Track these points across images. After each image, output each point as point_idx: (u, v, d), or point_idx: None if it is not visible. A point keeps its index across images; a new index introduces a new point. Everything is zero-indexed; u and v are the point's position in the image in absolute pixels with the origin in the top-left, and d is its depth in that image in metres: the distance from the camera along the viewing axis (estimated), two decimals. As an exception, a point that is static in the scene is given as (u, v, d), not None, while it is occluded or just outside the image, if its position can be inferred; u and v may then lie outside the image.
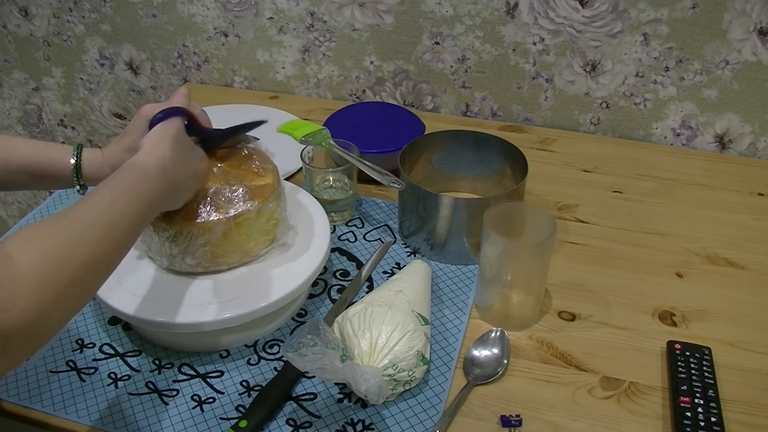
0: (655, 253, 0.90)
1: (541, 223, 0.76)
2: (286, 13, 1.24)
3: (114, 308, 0.72)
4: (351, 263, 0.89)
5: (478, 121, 1.23)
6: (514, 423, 0.68)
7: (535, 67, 1.17)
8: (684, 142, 1.17)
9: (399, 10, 1.18)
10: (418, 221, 0.88)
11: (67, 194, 1.03)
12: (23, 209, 1.78)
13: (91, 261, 0.53)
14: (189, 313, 0.71)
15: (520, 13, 1.12)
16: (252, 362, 0.75)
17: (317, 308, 0.82)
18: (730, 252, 0.91)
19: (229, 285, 0.75)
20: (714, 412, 0.66)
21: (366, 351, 0.67)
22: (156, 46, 1.37)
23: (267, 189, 0.76)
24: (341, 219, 0.96)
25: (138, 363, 0.75)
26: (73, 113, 1.56)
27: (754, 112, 1.10)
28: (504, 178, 0.95)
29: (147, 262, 0.78)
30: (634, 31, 1.08)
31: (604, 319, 0.80)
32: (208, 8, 1.29)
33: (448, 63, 1.21)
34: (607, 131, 1.20)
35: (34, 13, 1.41)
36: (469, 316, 0.81)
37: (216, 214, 0.72)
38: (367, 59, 1.25)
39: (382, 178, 0.88)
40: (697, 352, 0.73)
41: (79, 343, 0.78)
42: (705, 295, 0.84)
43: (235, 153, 0.80)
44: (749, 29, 1.03)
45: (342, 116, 1.09)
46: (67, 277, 0.50)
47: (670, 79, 1.11)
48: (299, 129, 0.97)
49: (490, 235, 0.74)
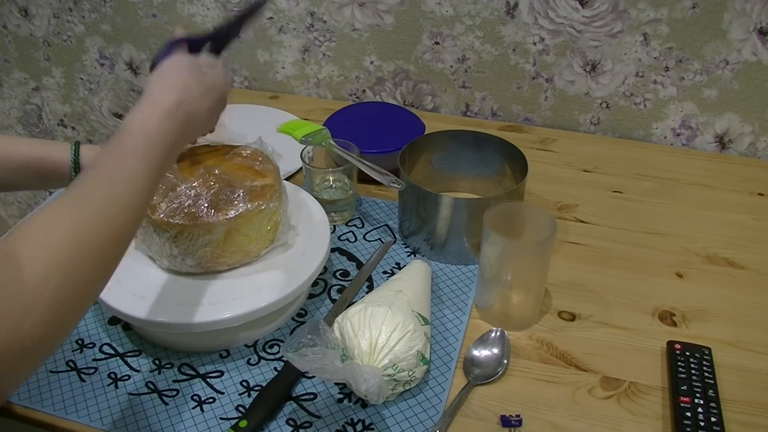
0: (655, 253, 0.90)
1: (541, 223, 0.76)
2: (286, 13, 1.24)
3: (114, 308, 0.72)
4: (351, 263, 0.89)
5: (478, 121, 1.23)
6: (514, 423, 0.67)
7: (535, 67, 1.17)
8: (684, 142, 1.17)
9: (399, 10, 1.18)
10: (418, 221, 0.88)
11: (67, 194, 1.03)
12: (23, 209, 1.78)
13: (109, 246, 0.50)
14: (189, 313, 0.71)
15: (520, 13, 1.12)
16: (252, 362, 0.75)
17: (317, 308, 0.82)
18: (730, 252, 0.91)
19: (229, 285, 0.75)
20: (714, 412, 0.66)
21: (366, 351, 0.67)
22: (156, 46, 1.37)
23: (268, 189, 0.76)
24: (341, 219, 0.96)
25: (138, 363, 0.75)
26: (73, 113, 1.56)
27: (754, 112, 1.10)
28: (504, 178, 0.95)
29: (147, 262, 0.78)
30: (634, 31, 1.08)
31: (604, 319, 0.80)
32: (208, 8, 1.29)
33: (448, 63, 1.21)
34: (607, 131, 1.20)
35: (34, 13, 1.41)
36: (469, 316, 0.81)
37: (217, 214, 0.72)
38: (367, 59, 1.25)
39: (382, 178, 0.88)
40: (697, 352, 0.73)
41: (79, 343, 0.78)
42: (705, 295, 0.84)
43: (237, 153, 0.80)
44: (749, 29, 1.03)
45: (342, 116, 1.09)
46: (83, 276, 0.47)
47: (670, 79, 1.11)
48: (299, 129, 0.97)
49: (490, 235, 0.74)
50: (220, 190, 0.74)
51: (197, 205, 0.73)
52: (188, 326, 0.70)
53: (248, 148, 0.82)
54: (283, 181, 0.82)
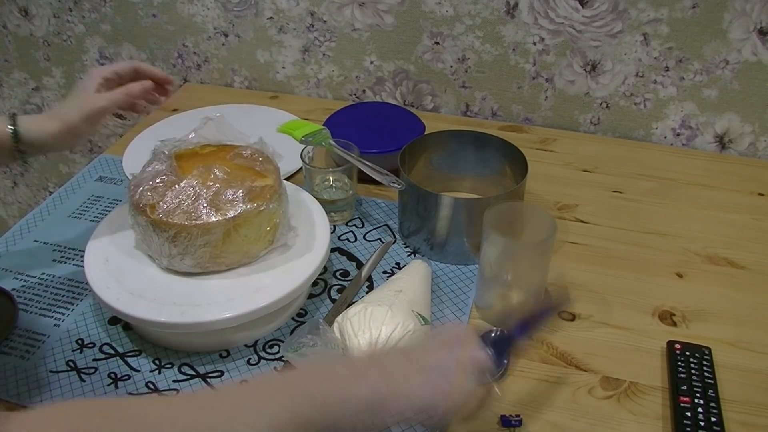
0: (655, 253, 0.90)
1: (541, 223, 0.76)
2: (286, 13, 1.24)
3: (114, 308, 0.72)
4: (351, 263, 0.89)
5: (478, 121, 1.23)
6: (514, 423, 0.67)
7: (535, 67, 1.17)
8: (684, 142, 1.17)
9: (399, 10, 1.18)
10: (418, 221, 0.88)
11: (67, 194, 1.03)
12: (23, 209, 1.78)
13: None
14: (189, 313, 0.71)
15: (520, 13, 1.12)
16: (252, 362, 0.75)
17: (317, 308, 0.82)
18: (730, 252, 0.90)
19: (229, 285, 0.75)
20: (714, 412, 0.66)
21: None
22: (156, 46, 1.37)
23: (268, 190, 0.76)
24: (341, 219, 0.96)
25: (138, 363, 0.75)
26: (73, 113, 1.56)
27: (754, 112, 1.10)
28: (504, 178, 0.95)
29: (147, 262, 0.78)
30: (634, 31, 1.08)
31: (604, 319, 0.80)
32: (208, 8, 1.29)
33: (448, 63, 1.21)
34: (607, 131, 1.20)
35: (34, 13, 1.41)
36: (469, 316, 0.81)
37: (216, 215, 0.72)
38: (367, 59, 1.25)
39: (382, 178, 0.88)
40: (697, 352, 0.73)
41: (79, 343, 0.78)
42: (705, 295, 0.84)
43: (238, 153, 0.80)
44: (749, 29, 1.03)
45: (342, 116, 1.09)
46: None
47: (670, 79, 1.11)
48: (299, 129, 0.97)
49: (490, 235, 0.74)
50: (219, 190, 0.74)
51: (196, 204, 0.73)
52: (188, 326, 0.70)
53: (248, 149, 0.82)
54: (283, 181, 0.82)
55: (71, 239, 0.93)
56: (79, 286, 0.85)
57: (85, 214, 0.99)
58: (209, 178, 0.75)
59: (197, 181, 0.75)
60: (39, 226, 0.96)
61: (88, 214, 0.99)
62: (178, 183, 0.75)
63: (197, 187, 0.74)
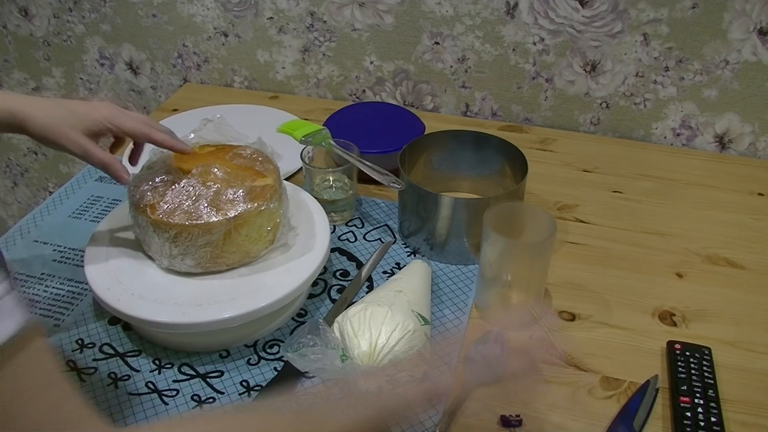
0: (655, 253, 0.90)
1: (541, 223, 0.76)
2: (286, 13, 1.24)
3: (114, 308, 0.72)
4: (351, 263, 0.89)
5: (478, 121, 1.23)
6: (514, 423, 0.67)
7: (535, 67, 1.17)
8: (684, 142, 1.17)
9: (399, 10, 1.18)
10: (418, 221, 0.88)
11: (67, 194, 1.03)
12: (23, 209, 1.78)
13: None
14: (189, 313, 0.71)
15: (520, 13, 1.12)
16: (252, 362, 0.75)
17: (317, 308, 0.82)
18: (730, 252, 0.91)
19: (229, 285, 0.75)
20: (714, 412, 0.66)
21: (366, 351, 0.67)
22: (156, 46, 1.37)
23: (268, 190, 0.76)
24: (341, 219, 0.96)
25: (138, 363, 0.75)
26: (73, 113, 1.56)
27: (754, 112, 1.10)
28: (504, 178, 0.95)
29: (147, 262, 0.78)
30: (634, 31, 1.08)
31: (604, 319, 0.80)
32: (208, 8, 1.29)
33: (448, 63, 1.21)
34: (607, 131, 1.20)
35: (34, 13, 1.41)
36: (469, 316, 0.81)
37: (217, 215, 0.72)
38: (367, 59, 1.25)
39: (382, 178, 0.88)
40: (697, 352, 0.73)
41: (79, 343, 0.78)
42: (705, 295, 0.84)
43: (237, 153, 0.80)
44: (749, 29, 1.03)
45: (342, 116, 1.09)
46: None
47: (670, 79, 1.11)
48: (299, 129, 0.97)
49: (490, 235, 0.74)
50: (220, 190, 0.74)
51: (197, 205, 0.73)
52: (188, 326, 0.70)
53: (248, 148, 0.82)
54: (283, 181, 0.82)
55: (71, 239, 0.93)
56: (79, 286, 0.85)
57: (85, 214, 0.99)
58: (209, 178, 0.75)
59: (197, 180, 0.75)
60: (39, 226, 0.97)
61: (88, 214, 0.99)
62: (178, 183, 0.75)
63: (197, 187, 0.74)
